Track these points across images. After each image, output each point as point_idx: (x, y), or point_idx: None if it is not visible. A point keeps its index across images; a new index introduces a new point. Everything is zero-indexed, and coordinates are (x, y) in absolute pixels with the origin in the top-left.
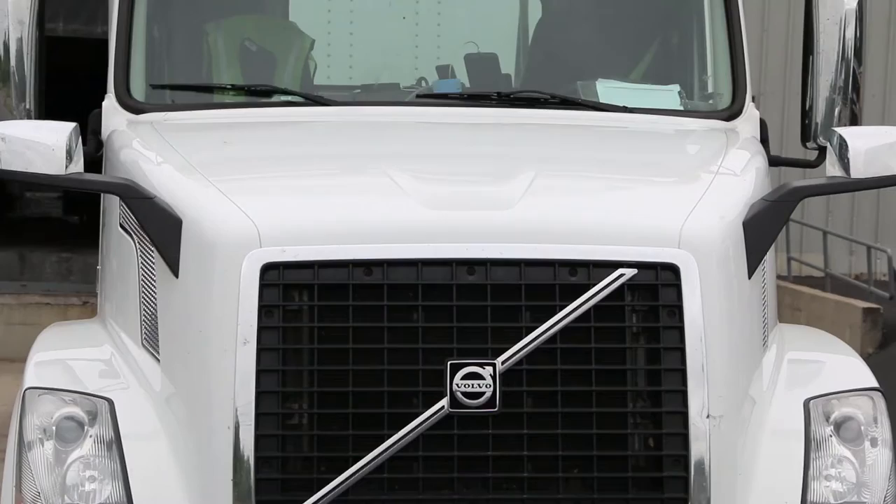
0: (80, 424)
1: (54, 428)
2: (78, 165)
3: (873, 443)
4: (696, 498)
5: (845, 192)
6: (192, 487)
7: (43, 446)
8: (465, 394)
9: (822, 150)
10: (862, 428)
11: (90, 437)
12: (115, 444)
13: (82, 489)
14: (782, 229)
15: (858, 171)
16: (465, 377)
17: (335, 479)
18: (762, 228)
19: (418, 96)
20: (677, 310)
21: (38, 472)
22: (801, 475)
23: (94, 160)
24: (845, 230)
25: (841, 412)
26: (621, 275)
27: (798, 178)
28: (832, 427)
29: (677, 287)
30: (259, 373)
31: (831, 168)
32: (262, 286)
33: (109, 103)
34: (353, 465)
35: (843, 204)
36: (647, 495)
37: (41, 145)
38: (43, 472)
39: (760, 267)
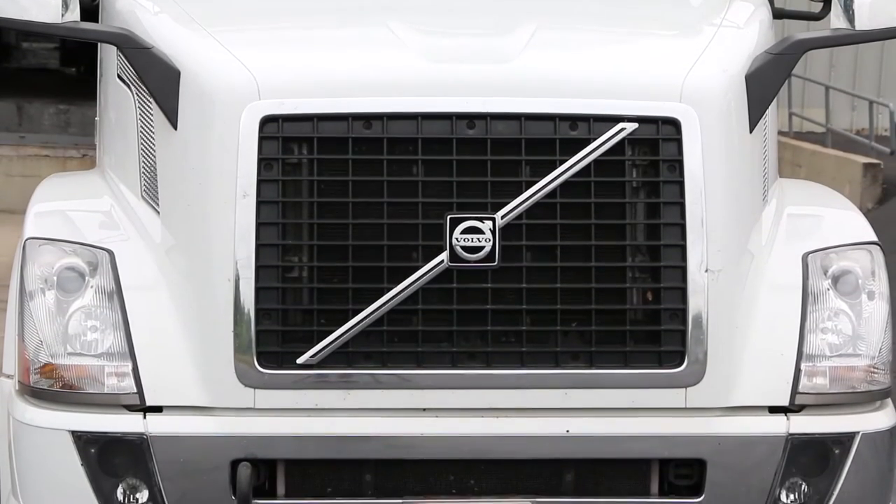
0: (81, 275)
1: (55, 278)
2: (74, 14)
3: (870, 296)
4: (692, 351)
5: (849, 44)
6: (192, 338)
7: (44, 296)
8: (464, 248)
9: (827, 3)
10: (859, 281)
11: (91, 287)
12: (115, 294)
13: (84, 339)
14: (784, 84)
15: (863, 22)
16: (464, 231)
17: (335, 331)
18: (764, 82)
19: None
20: (678, 164)
21: (40, 322)
22: (797, 328)
23: (91, 10)
24: (848, 85)
25: (839, 265)
26: (622, 129)
27: (802, 31)
28: (830, 280)
29: (678, 141)
30: (259, 226)
31: (836, 20)
32: (262, 139)
33: None
34: (352, 317)
35: (845, 58)
36: (645, 348)
37: None
38: (45, 322)
39: (762, 121)
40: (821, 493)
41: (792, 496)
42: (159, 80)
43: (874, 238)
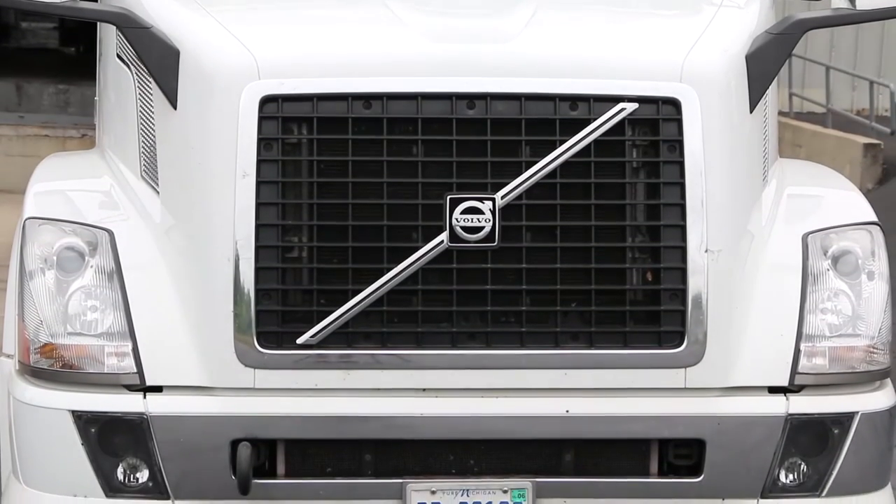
0: (81, 255)
1: (55, 258)
2: None
3: (870, 276)
4: (692, 331)
5: (850, 24)
6: (192, 318)
7: (44, 276)
8: (464, 228)
9: None
10: (859, 261)
11: (91, 267)
12: (115, 274)
13: (84, 318)
14: (785, 64)
15: (864, 2)
16: (464, 212)
17: (335, 311)
18: (765, 62)
19: None
20: (678, 144)
21: (40, 301)
22: (797, 309)
23: None
24: (848, 65)
25: (839, 246)
26: (622, 109)
27: (803, 11)
28: (830, 261)
29: (678, 121)
30: (258, 206)
31: (836, 0)
32: (261, 119)
33: None
34: (352, 298)
35: (846, 38)
36: (644, 328)
37: None
38: (45, 301)
39: (762, 101)
40: (820, 473)
41: (791, 476)
42: (159, 60)
43: (874, 218)
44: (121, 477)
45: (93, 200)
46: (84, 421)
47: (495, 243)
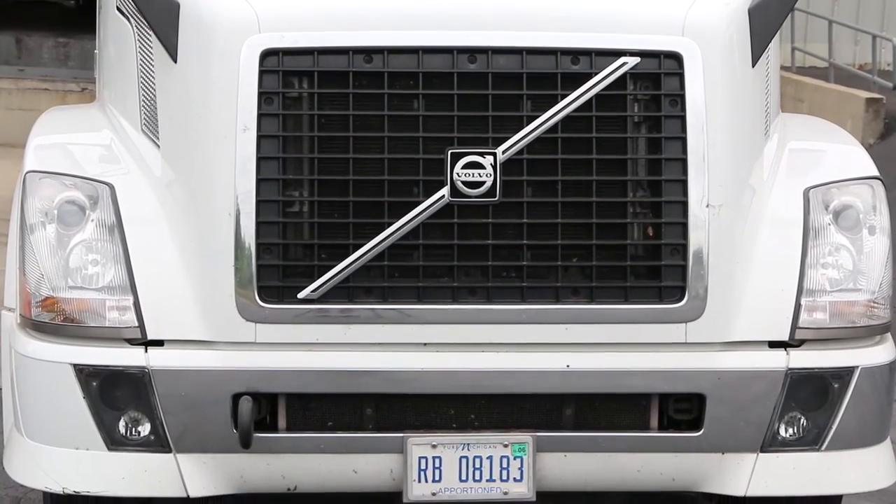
0: (82, 208)
1: (56, 211)
2: None
3: (871, 231)
4: (693, 286)
5: None
6: (193, 273)
7: (45, 229)
8: (465, 183)
9: None
10: (860, 216)
11: (91, 221)
12: (116, 228)
13: (85, 272)
14: (787, 18)
15: None
16: (465, 166)
17: (336, 265)
18: (767, 16)
19: None
20: (680, 99)
21: (41, 255)
22: (798, 263)
23: None
24: (851, 19)
25: (840, 200)
26: (624, 63)
27: None
28: (831, 215)
29: (680, 76)
30: (259, 160)
31: None
32: (262, 72)
33: None
34: (353, 252)
35: None
36: (645, 283)
37: None
38: (46, 255)
39: (764, 55)
40: (819, 427)
41: (791, 430)
42: (159, 13)
43: (876, 173)
44: (122, 430)
45: (93, 154)
46: (86, 374)
47: (496, 198)
